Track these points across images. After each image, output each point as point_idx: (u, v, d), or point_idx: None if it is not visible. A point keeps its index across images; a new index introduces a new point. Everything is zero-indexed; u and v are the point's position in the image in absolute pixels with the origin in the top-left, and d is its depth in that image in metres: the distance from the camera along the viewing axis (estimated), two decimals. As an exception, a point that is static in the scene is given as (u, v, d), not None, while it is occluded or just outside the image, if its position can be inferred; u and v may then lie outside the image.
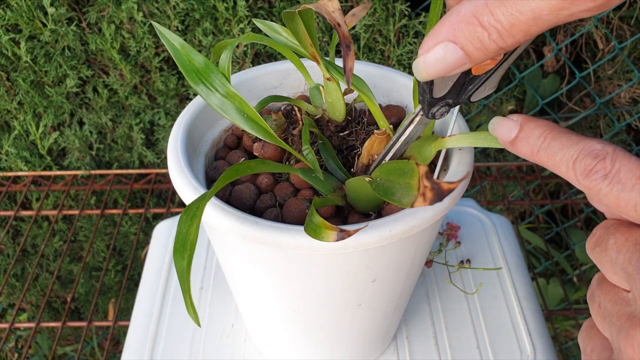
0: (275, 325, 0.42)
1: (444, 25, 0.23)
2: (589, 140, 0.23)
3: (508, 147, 0.26)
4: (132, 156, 0.91)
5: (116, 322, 0.63)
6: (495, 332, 0.50)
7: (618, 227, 0.23)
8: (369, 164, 0.34)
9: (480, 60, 0.23)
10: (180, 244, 0.26)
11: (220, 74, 0.32)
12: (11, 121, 0.86)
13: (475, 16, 0.22)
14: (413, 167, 0.26)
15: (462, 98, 0.28)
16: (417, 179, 0.25)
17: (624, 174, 0.22)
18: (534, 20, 0.21)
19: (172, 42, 0.32)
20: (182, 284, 0.25)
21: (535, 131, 0.25)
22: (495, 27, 0.22)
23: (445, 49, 0.23)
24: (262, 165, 0.31)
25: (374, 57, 0.82)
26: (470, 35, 0.22)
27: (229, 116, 0.32)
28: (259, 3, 0.77)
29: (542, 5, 0.20)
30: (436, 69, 0.24)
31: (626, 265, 0.22)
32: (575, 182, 0.23)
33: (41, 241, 0.97)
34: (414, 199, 0.25)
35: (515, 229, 0.69)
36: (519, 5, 0.21)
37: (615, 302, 0.23)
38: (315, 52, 0.33)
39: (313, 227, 0.27)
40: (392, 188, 0.28)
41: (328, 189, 0.34)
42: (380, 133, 0.33)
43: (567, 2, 0.20)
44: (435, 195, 0.24)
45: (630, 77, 0.89)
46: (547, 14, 0.21)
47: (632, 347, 0.21)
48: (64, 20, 0.77)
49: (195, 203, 0.27)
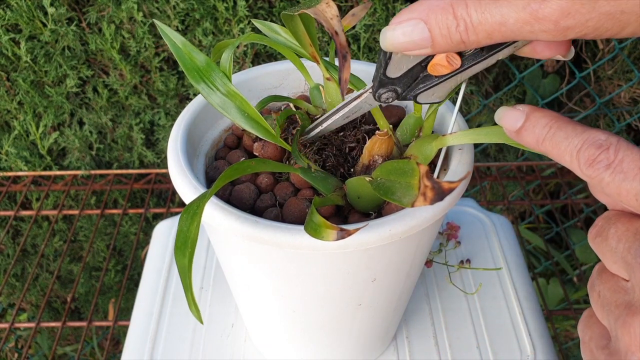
0: (275, 325, 0.42)
1: (421, 5, 0.24)
2: (593, 131, 0.23)
3: (513, 137, 0.26)
4: (132, 156, 0.91)
5: (116, 322, 0.63)
6: (495, 332, 0.50)
7: (619, 218, 0.24)
8: (369, 165, 0.34)
9: (441, 48, 0.25)
10: (182, 242, 0.26)
11: (222, 73, 0.32)
12: (11, 121, 0.86)
13: (452, 5, 0.23)
14: (413, 166, 0.26)
15: (410, 93, 0.28)
16: (418, 179, 0.25)
17: (626, 163, 0.22)
18: (499, 25, 0.23)
19: (174, 40, 0.32)
20: (184, 281, 0.25)
21: (541, 121, 0.25)
22: (465, 20, 0.23)
23: (414, 26, 0.24)
24: (262, 165, 0.31)
25: (374, 57, 0.82)
26: (441, 21, 0.24)
27: (230, 115, 0.32)
28: (259, 3, 0.77)
29: (510, 13, 0.22)
30: (400, 42, 0.25)
31: (625, 255, 0.22)
32: (578, 172, 0.23)
33: (41, 241, 0.97)
34: (414, 199, 0.25)
35: (515, 229, 0.69)
36: (491, 7, 0.22)
37: (614, 290, 0.23)
38: (315, 52, 0.33)
39: (313, 226, 0.27)
40: (393, 187, 0.28)
41: (328, 189, 0.34)
42: (382, 134, 0.33)
43: (533, 17, 0.22)
44: (436, 195, 0.24)
45: (630, 77, 0.89)
46: (512, 23, 0.22)
47: (629, 335, 0.21)
48: (64, 20, 0.77)
49: (196, 202, 0.27)
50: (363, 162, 0.35)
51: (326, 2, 0.27)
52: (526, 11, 0.22)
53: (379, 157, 0.34)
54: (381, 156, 0.34)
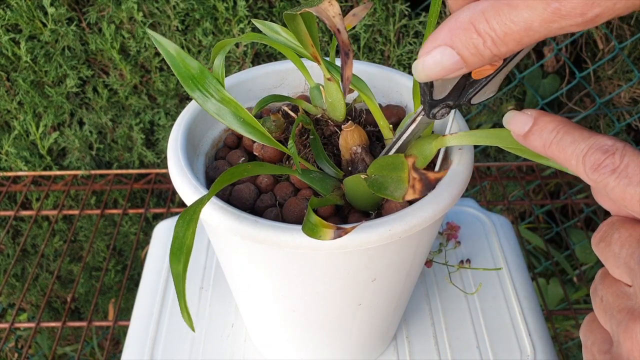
0: (275, 325, 0.42)
1: (442, 30, 0.24)
2: (600, 136, 0.23)
3: (521, 141, 0.26)
4: (132, 156, 0.91)
5: (116, 322, 0.63)
6: (495, 332, 0.50)
7: (623, 223, 0.24)
8: (353, 158, 0.35)
9: (475, 65, 0.24)
10: (177, 247, 0.26)
11: (215, 80, 0.32)
12: (11, 121, 0.86)
13: (472, 23, 0.23)
14: (402, 160, 0.27)
15: (463, 100, 0.28)
16: (407, 172, 0.26)
17: (631, 169, 0.22)
18: (525, 31, 0.22)
19: (168, 48, 0.32)
20: (177, 288, 0.25)
21: (548, 125, 0.25)
22: (490, 35, 0.23)
23: (442, 53, 0.24)
24: (259, 168, 0.31)
25: (374, 57, 0.82)
26: (467, 42, 0.23)
27: (226, 121, 0.32)
28: (259, 3, 0.77)
29: (533, 17, 0.21)
30: (434, 71, 0.25)
31: (628, 260, 0.22)
32: (584, 176, 0.23)
33: (41, 241, 0.97)
34: (404, 192, 0.25)
35: (515, 229, 0.69)
36: (512, 16, 0.22)
37: (616, 295, 0.23)
38: (316, 52, 0.33)
39: (310, 226, 0.27)
40: (385, 183, 0.28)
41: (327, 189, 0.34)
42: (347, 127, 0.34)
43: (557, 15, 0.21)
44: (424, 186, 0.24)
45: (630, 77, 0.89)
46: (538, 25, 0.21)
47: (631, 340, 0.21)
48: (64, 20, 0.77)
49: (192, 207, 0.27)
50: (345, 158, 0.35)
51: (329, 1, 0.27)
52: (548, 11, 0.21)
53: (357, 147, 0.34)
54: (359, 145, 0.34)
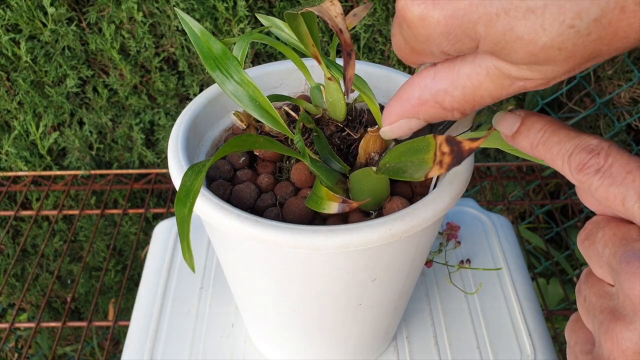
0: (275, 325, 0.42)
1: (403, 106, 0.26)
2: (586, 136, 0.23)
3: (509, 141, 0.26)
4: (132, 156, 0.91)
5: (116, 322, 0.63)
6: (495, 332, 0.50)
7: (607, 222, 0.24)
8: (367, 163, 0.34)
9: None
10: (184, 194, 0.26)
11: (236, 62, 0.32)
12: (11, 121, 0.86)
13: (438, 102, 0.25)
14: (430, 141, 0.26)
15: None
16: (433, 152, 0.26)
17: (615, 168, 0.22)
18: (489, 92, 0.23)
19: (193, 28, 0.33)
20: (181, 230, 0.25)
21: (535, 125, 0.25)
22: (452, 106, 0.24)
23: (408, 122, 0.26)
24: (269, 144, 0.31)
25: (374, 57, 0.82)
26: (432, 114, 0.25)
27: (242, 103, 0.32)
28: (259, 3, 0.77)
29: (498, 91, 0.23)
30: (401, 133, 0.28)
31: (611, 259, 0.22)
32: (569, 176, 0.23)
33: (41, 241, 0.97)
34: (427, 171, 0.25)
35: (515, 229, 0.69)
36: (473, 81, 0.23)
37: (599, 295, 0.23)
38: (317, 52, 0.33)
39: (315, 199, 0.28)
40: (404, 167, 0.28)
41: (331, 180, 0.34)
42: (373, 131, 0.33)
43: (522, 89, 0.23)
44: (454, 159, 0.24)
45: (630, 77, 0.89)
46: (487, 96, 0.23)
47: (612, 341, 0.21)
48: (64, 20, 0.77)
49: (201, 162, 0.28)
50: (360, 161, 0.35)
51: (330, 1, 0.27)
52: (513, 87, 0.23)
53: (375, 154, 0.34)
54: (377, 153, 0.34)
